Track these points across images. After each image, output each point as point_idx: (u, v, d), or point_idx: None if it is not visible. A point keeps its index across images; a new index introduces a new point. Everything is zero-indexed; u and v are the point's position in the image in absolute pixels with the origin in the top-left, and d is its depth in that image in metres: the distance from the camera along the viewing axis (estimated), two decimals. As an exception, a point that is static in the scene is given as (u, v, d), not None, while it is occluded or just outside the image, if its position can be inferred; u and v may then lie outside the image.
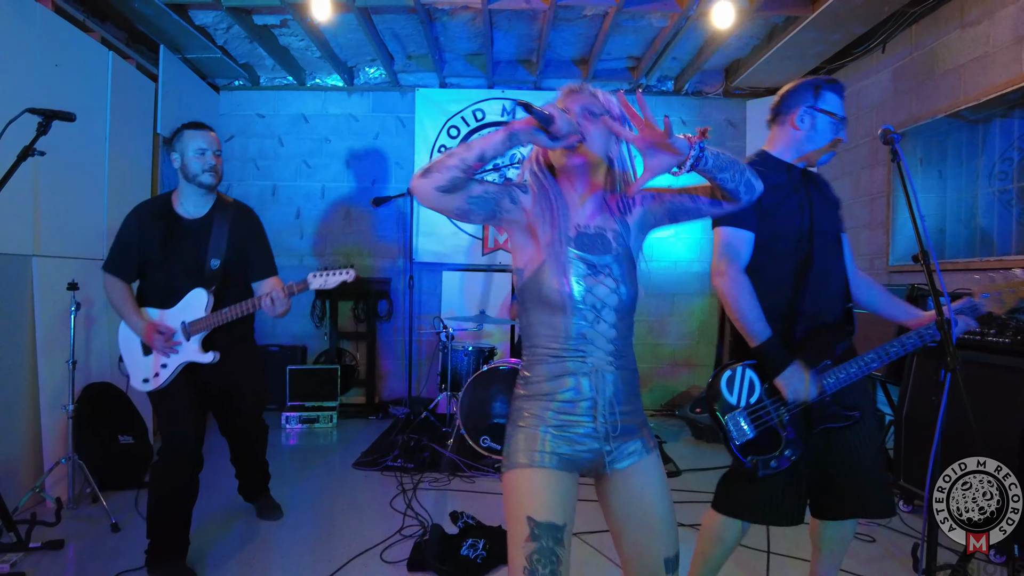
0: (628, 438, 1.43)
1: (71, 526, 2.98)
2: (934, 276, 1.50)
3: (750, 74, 5.18)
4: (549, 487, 1.34)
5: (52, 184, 3.42)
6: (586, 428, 1.39)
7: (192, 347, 2.57)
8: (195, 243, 2.59)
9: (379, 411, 5.48)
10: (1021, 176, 3.41)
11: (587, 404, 1.39)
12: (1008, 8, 3.34)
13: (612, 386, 1.41)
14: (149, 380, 2.59)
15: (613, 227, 1.47)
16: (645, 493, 1.42)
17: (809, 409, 1.86)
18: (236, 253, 2.65)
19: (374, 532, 3.00)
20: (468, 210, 1.35)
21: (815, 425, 1.87)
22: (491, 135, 1.31)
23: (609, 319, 1.42)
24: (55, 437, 3.33)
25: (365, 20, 4.44)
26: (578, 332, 1.39)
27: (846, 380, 1.85)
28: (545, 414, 1.39)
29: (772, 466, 1.85)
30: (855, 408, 1.88)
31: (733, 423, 1.87)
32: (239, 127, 5.75)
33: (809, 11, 4.09)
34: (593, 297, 1.40)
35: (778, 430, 1.86)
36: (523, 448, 1.38)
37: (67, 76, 3.56)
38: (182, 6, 4.24)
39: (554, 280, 1.37)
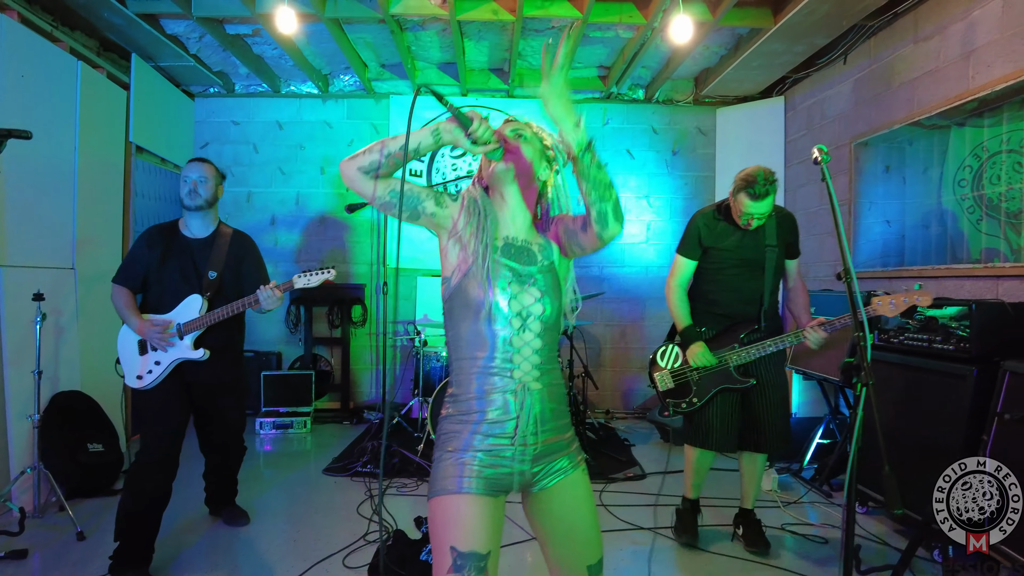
0: (555, 456, 1.45)
1: (36, 535, 3.01)
2: (855, 295, 1.58)
3: (719, 83, 5.28)
4: (473, 514, 1.34)
5: (19, 193, 3.43)
6: (512, 450, 1.40)
7: (184, 344, 2.77)
8: (195, 257, 2.86)
9: (353, 416, 5.52)
10: (979, 184, 3.52)
11: (512, 424, 1.40)
12: (957, 25, 3.45)
13: (539, 403, 1.42)
14: (142, 377, 2.76)
15: (539, 241, 1.53)
16: (571, 509, 1.45)
17: (714, 374, 2.84)
18: (232, 269, 2.91)
19: (339, 537, 3.04)
20: (388, 202, 1.43)
21: (716, 384, 2.84)
22: (419, 130, 1.40)
23: (535, 329, 1.43)
24: (22, 446, 3.34)
25: (337, 30, 4.48)
26: (504, 340, 1.40)
27: (746, 358, 2.79)
28: (472, 437, 1.40)
29: (683, 407, 2.92)
30: (751, 377, 2.82)
31: (660, 377, 3.00)
32: (214, 134, 5.77)
33: (772, 23, 4.19)
34: (519, 305, 1.42)
35: (691, 385, 2.90)
36: (450, 474, 1.38)
37: (34, 86, 3.58)
38: (153, 16, 4.26)
39: (480, 287, 1.40)
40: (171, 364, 2.77)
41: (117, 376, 2.87)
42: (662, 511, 3.41)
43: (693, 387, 2.88)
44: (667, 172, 5.92)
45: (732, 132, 5.80)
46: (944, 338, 2.95)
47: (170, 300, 2.82)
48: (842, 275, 1.62)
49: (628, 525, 3.24)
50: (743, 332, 2.84)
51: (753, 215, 2.69)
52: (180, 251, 2.85)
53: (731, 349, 2.82)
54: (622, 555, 2.93)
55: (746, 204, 2.68)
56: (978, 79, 3.30)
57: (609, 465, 4.19)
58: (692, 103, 5.84)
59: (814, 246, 5.04)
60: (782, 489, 3.75)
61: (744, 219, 2.73)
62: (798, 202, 5.28)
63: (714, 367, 2.82)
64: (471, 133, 1.38)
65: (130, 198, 4.65)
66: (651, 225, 5.93)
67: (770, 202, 2.68)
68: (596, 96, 5.84)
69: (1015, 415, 2.50)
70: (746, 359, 2.79)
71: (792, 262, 2.94)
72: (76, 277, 3.95)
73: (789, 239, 2.89)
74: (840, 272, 1.62)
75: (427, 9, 4.07)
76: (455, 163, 5.78)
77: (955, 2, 3.47)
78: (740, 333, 2.84)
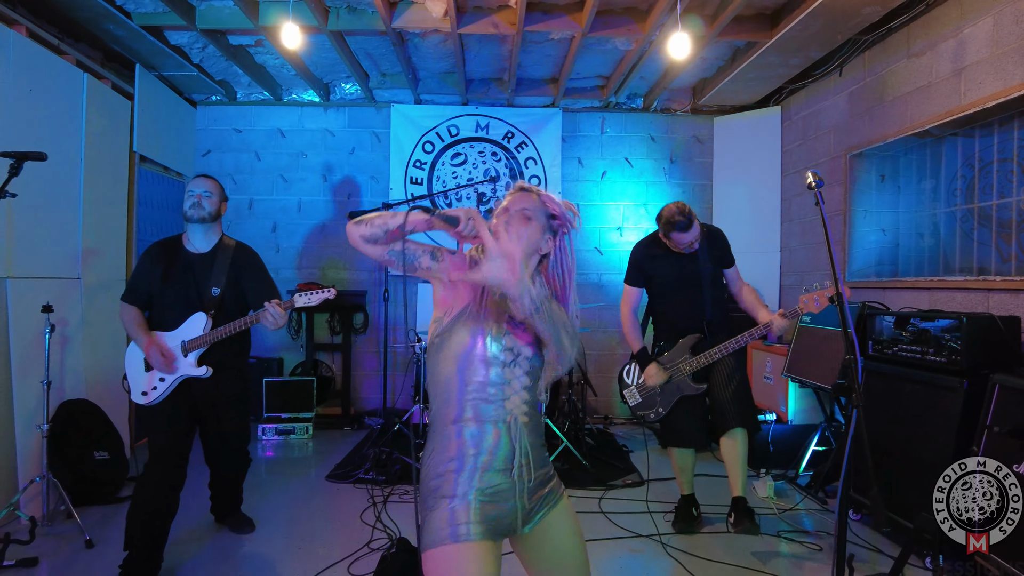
0: (544, 488, 1.51)
1: (45, 544, 3.06)
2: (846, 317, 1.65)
3: (716, 93, 5.35)
4: (475, 565, 1.33)
5: (26, 205, 3.46)
6: (508, 484, 1.44)
7: (189, 362, 2.84)
8: (198, 273, 2.89)
9: (354, 422, 5.57)
10: (973, 195, 3.59)
11: (507, 456, 1.44)
12: (948, 42, 3.52)
13: (527, 436, 1.48)
14: (148, 393, 2.84)
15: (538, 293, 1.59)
16: (560, 542, 1.52)
17: (673, 385, 3.21)
18: (234, 285, 2.94)
19: (343, 545, 3.10)
20: (388, 259, 1.53)
21: (677, 394, 3.20)
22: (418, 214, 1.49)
23: (524, 366, 1.51)
24: (29, 456, 3.39)
25: (338, 41, 4.53)
26: (497, 374, 1.47)
27: (697, 365, 3.13)
28: (466, 477, 1.41)
29: (651, 417, 3.27)
30: (703, 382, 3.19)
31: (628, 393, 3.36)
32: (216, 142, 5.81)
33: (768, 36, 4.26)
34: (512, 340, 1.51)
35: (656, 397, 3.25)
36: (445, 522, 1.37)
37: (41, 100, 3.62)
38: (157, 28, 4.30)
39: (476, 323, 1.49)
40: (175, 381, 2.84)
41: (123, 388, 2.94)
42: (662, 518, 3.47)
43: (658, 398, 3.25)
44: (665, 180, 5.98)
45: (729, 141, 5.87)
46: (936, 350, 3.02)
47: (173, 317, 2.87)
48: (834, 299, 1.68)
49: (627, 532, 3.30)
50: (692, 344, 3.20)
51: (692, 241, 3.09)
52: (182, 267, 2.89)
53: (684, 359, 3.18)
54: (621, 562, 2.99)
55: (680, 238, 3.07)
56: (969, 95, 3.37)
57: (607, 472, 4.25)
58: (689, 112, 5.91)
59: (810, 255, 5.11)
60: (778, 496, 3.81)
61: (687, 247, 3.13)
62: (793, 211, 5.35)
63: (670, 381, 3.21)
64: (459, 232, 1.48)
65: (134, 208, 4.70)
66: (648, 233, 5.97)
67: (695, 226, 3.07)
68: (595, 105, 5.90)
69: (1004, 428, 2.57)
70: (698, 366, 3.14)
71: (729, 270, 3.32)
72: (81, 287, 3.99)
73: (718, 253, 3.27)
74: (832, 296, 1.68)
75: (429, 22, 4.13)
76: (455, 171, 5.83)
77: (946, 20, 3.54)
78: (689, 345, 3.20)
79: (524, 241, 1.54)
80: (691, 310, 3.24)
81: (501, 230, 1.53)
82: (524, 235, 1.55)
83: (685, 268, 3.22)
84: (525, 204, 1.58)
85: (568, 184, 5.91)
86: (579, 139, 5.97)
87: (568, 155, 5.93)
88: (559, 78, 5.35)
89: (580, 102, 5.85)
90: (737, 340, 3.04)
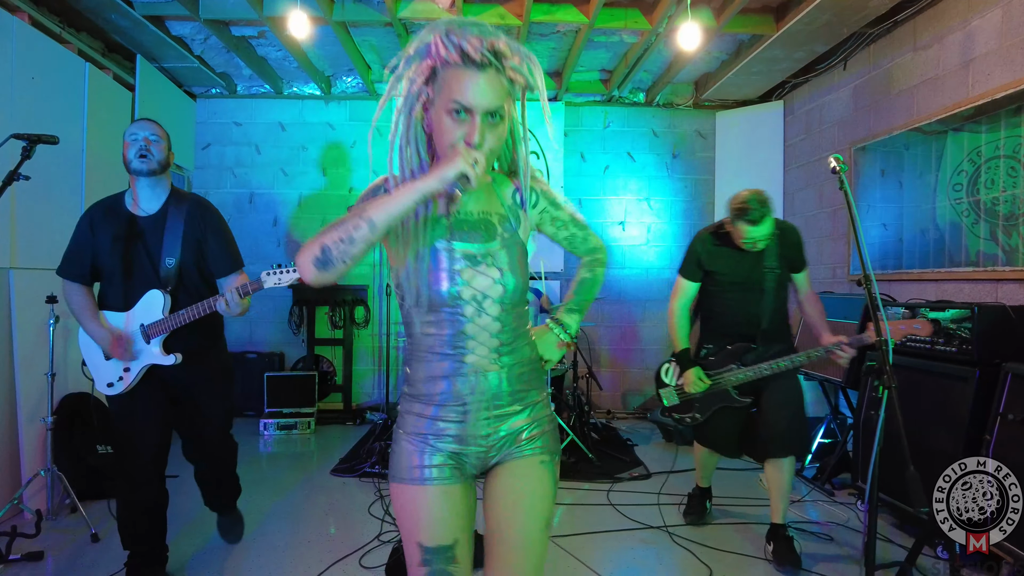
0: (516, 437, 1.34)
1: (51, 537, 3.02)
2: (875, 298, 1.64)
3: (719, 87, 5.35)
4: (434, 506, 1.28)
5: (29, 196, 3.43)
6: (464, 431, 1.31)
7: (153, 350, 2.45)
8: (148, 241, 2.44)
9: (356, 417, 5.54)
10: (974, 188, 3.60)
11: (462, 408, 1.30)
12: (956, 34, 3.53)
13: (496, 386, 1.31)
14: (114, 384, 2.49)
15: (500, 211, 1.35)
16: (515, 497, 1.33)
17: (713, 393, 2.94)
18: (192, 251, 2.49)
19: (353, 538, 3.07)
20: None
21: (716, 403, 2.95)
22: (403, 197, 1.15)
23: (492, 312, 1.28)
24: (33, 449, 3.34)
25: (342, 32, 4.50)
26: (457, 329, 1.28)
27: (744, 379, 2.84)
28: (426, 422, 1.31)
29: (687, 421, 3.05)
30: (749, 396, 2.90)
31: (664, 394, 3.12)
32: (216, 135, 5.76)
33: (773, 30, 4.26)
34: (472, 290, 1.27)
35: (694, 401, 3.01)
36: (405, 463, 1.31)
37: (44, 89, 3.58)
38: (159, 18, 4.26)
39: (425, 278, 1.25)
40: (141, 370, 2.47)
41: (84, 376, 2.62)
42: (671, 510, 3.47)
43: (696, 404, 3.00)
44: (667, 175, 5.98)
45: (731, 136, 5.87)
46: (946, 340, 3.03)
47: (125, 294, 2.45)
48: (862, 281, 1.67)
49: (638, 524, 3.29)
50: (741, 353, 2.90)
51: (757, 239, 2.73)
52: (129, 234, 2.43)
53: (729, 370, 2.89)
54: (633, 553, 2.99)
55: (747, 231, 2.71)
56: (977, 87, 3.39)
57: (614, 465, 4.25)
58: (692, 107, 5.91)
59: (813, 250, 5.12)
60: (785, 488, 3.81)
61: (749, 244, 2.76)
62: (796, 206, 5.36)
63: (711, 389, 2.92)
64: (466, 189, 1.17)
65: (135, 199, 4.64)
66: (651, 227, 5.99)
67: (770, 223, 2.70)
68: (597, 99, 5.89)
69: (1017, 416, 2.58)
70: (744, 379, 2.84)
71: (799, 275, 2.91)
72: (83, 279, 3.94)
73: (790, 254, 2.87)
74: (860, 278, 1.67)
75: (435, 13, 4.10)
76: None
77: (953, 12, 3.55)
78: (738, 354, 2.90)
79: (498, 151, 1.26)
80: (747, 316, 2.88)
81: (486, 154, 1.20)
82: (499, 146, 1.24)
83: (749, 268, 2.85)
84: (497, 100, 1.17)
85: (570, 179, 5.90)
86: (581, 133, 5.96)
87: (570, 149, 5.92)
88: (563, 71, 5.33)
89: (583, 96, 5.84)
90: (792, 360, 2.73)
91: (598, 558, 2.92)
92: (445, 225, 1.28)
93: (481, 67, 1.14)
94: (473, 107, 1.15)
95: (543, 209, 1.40)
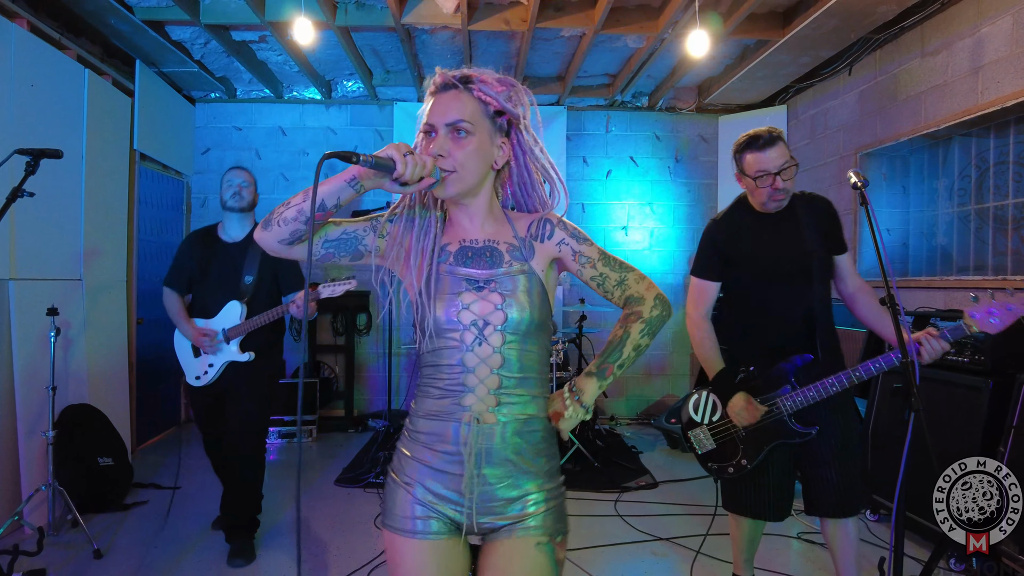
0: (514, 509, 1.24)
1: (53, 554, 2.96)
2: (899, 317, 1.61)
3: (723, 91, 5.33)
4: (418, 560, 1.22)
5: (28, 206, 3.34)
6: (455, 485, 1.22)
7: (232, 349, 3.00)
8: (233, 262, 3.01)
9: (358, 424, 5.50)
10: (979, 195, 3.59)
11: (456, 459, 1.22)
12: (965, 40, 3.51)
13: (493, 443, 1.22)
14: (200, 377, 3.03)
15: (509, 241, 1.30)
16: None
17: (766, 427, 2.10)
18: (268, 271, 3.03)
19: (361, 551, 3.03)
20: (326, 254, 1.29)
21: (770, 439, 2.11)
22: (332, 179, 1.19)
23: (494, 342, 1.22)
24: (33, 463, 3.29)
25: (345, 37, 4.46)
26: (457, 358, 1.22)
27: (803, 403, 2.04)
28: (417, 467, 1.25)
29: (730, 472, 2.20)
30: (812, 425, 2.08)
31: (695, 437, 2.29)
32: (215, 140, 5.71)
33: (780, 35, 4.23)
34: (473, 315, 1.22)
35: (738, 443, 2.18)
36: (397, 510, 1.25)
37: (43, 95, 3.52)
38: (159, 23, 4.20)
39: (428, 306, 1.23)
40: (223, 365, 3.00)
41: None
42: (680, 521, 3.44)
43: (740, 445, 2.18)
44: (670, 179, 5.96)
45: (734, 140, 5.83)
46: (959, 350, 3.00)
47: (212, 305, 3.01)
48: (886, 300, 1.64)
49: (647, 536, 3.26)
50: (799, 367, 2.09)
51: (769, 170, 2.06)
52: (220, 256, 3.02)
53: (784, 392, 2.09)
54: (643, 566, 2.96)
55: (758, 159, 2.09)
56: (988, 94, 3.37)
57: (620, 474, 4.21)
58: (695, 111, 5.88)
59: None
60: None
61: (763, 183, 2.09)
62: (800, 210, 5.33)
63: (762, 420, 2.10)
64: (398, 178, 1.14)
65: (135, 207, 4.59)
66: (654, 232, 5.96)
67: (784, 150, 2.10)
68: (600, 104, 5.86)
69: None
70: (804, 403, 2.05)
71: (841, 257, 2.20)
72: (83, 288, 3.89)
73: (828, 228, 2.17)
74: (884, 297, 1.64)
75: (440, 19, 4.06)
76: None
77: (963, 19, 3.53)
78: (792, 370, 2.10)
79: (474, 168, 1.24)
80: (795, 312, 2.11)
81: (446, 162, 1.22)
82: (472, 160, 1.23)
83: (785, 245, 2.12)
84: (455, 114, 1.22)
85: (573, 183, 5.87)
86: (584, 138, 5.92)
87: (573, 154, 5.88)
88: (566, 76, 5.30)
89: (585, 100, 5.80)
90: (864, 369, 1.97)
91: (609, 572, 2.89)
92: (450, 251, 1.28)
93: (445, 88, 1.26)
94: (435, 123, 1.24)
95: (561, 241, 1.30)
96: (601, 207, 5.94)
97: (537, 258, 1.29)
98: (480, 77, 1.25)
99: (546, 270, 1.30)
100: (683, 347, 5.94)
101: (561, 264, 1.34)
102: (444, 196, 1.26)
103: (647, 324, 1.30)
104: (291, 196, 1.23)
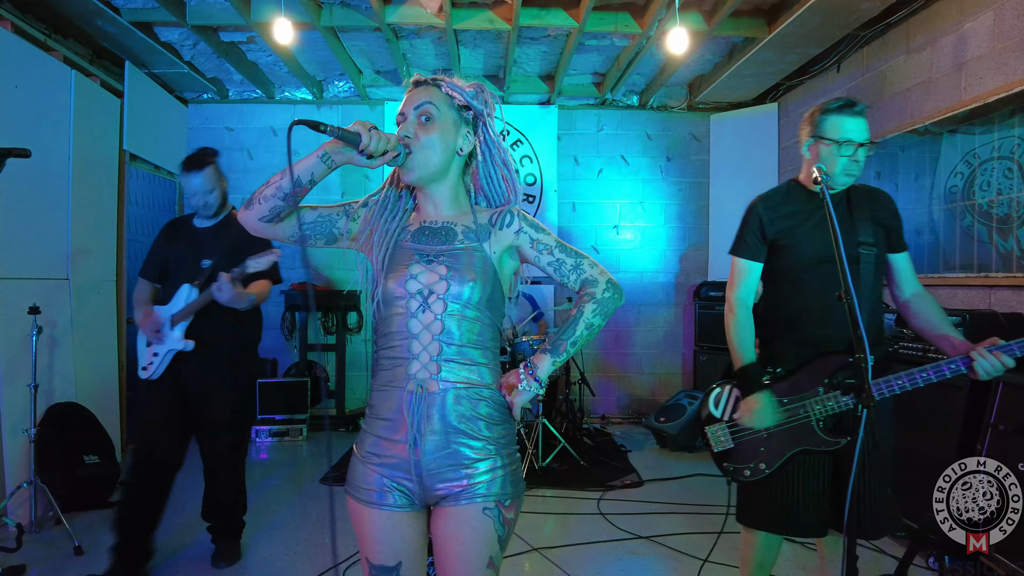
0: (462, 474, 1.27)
1: (33, 550, 2.99)
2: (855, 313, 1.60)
3: (713, 89, 5.32)
4: (377, 528, 1.29)
5: (12, 204, 3.41)
6: (406, 455, 1.27)
7: (175, 335, 2.76)
8: (195, 247, 2.83)
9: (349, 423, 5.51)
10: (970, 191, 3.56)
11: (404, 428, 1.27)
12: (949, 37, 3.49)
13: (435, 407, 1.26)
14: (146, 368, 2.81)
15: (467, 224, 1.38)
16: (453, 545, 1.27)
17: (790, 429, 1.92)
18: (230, 256, 2.72)
19: (341, 548, 3.04)
20: (304, 236, 1.37)
21: (793, 444, 1.92)
22: (305, 157, 1.29)
23: (436, 309, 1.28)
24: (17, 461, 3.31)
25: (332, 38, 4.47)
26: (403, 324, 1.29)
27: (835, 409, 1.87)
28: (374, 440, 1.31)
29: (746, 475, 1.99)
30: (844, 435, 1.88)
31: (712, 434, 2.07)
32: (208, 140, 5.73)
33: (765, 33, 4.22)
34: (419, 284, 1.30)
35: (758, 445, 1.97)
36: (358, 480, 1.32)
37: (28, 97, 3.54)
38: (147, 24, 4.23)
39: (383, 281, 1.32)
40: (167, 355, 2.77)
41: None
42: (662, 519, 3.43)
43: (762, 447, 1.98)
44: (661, 178, 5.95)
45: (726, 138, 5.84)
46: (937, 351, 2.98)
47: (171, 291, 2.82)
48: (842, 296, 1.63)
49: (627, 534, 3.26)
50: (834, 369, 1.90)
51: (855, 140, 1.90)
52: (187, 241, 2.85)
53: (815, 395, 1.91)
54: (621, 565, 2.95)
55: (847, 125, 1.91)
56: (971, 90, 3.35)
57: (606, 472, 4.21)
58: (686, 109, 5.87)
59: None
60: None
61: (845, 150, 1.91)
62: (791, 208, 5.31)
63: (786, 423, 1.93)
64: (363, 150, 1.24)
65: (124, 207, 4.62)
66: (645, 231, 5.96)
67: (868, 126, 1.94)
68: (590, 103, 5.86)
69: (1009, 426, 2.54)
70: (836, 408, 1.88)
71: (899, 256, 2.03)
72: (71, 288, 3.92)
73: (888, 222, 2.01)
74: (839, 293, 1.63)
75: (423, 18, 4.07)
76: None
77: (946, 15, 3.52)
78: (829, 370, 1.91)
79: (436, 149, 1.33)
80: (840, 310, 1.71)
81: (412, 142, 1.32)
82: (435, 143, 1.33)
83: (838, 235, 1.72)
84: (423, 99, 1.34)
85: (564, 182, 5.87)
86: (575, 137, 5.92)
87: (564, 153, 5.88)
88: (555, 75, 5.30)
89: (576, 99, 5.80)
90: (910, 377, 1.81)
91: (586, 570, 2.88)
92: (410, 231, 1.38)
93: (417, 85, 1.41)
94: (405, 111, 1.37)
95: (520, 230, 1.39)
96: (592, 206, 5.94)
97: (492, 242, 1.37)
98: (451, 79, 1.40)
99: (500, 256, 1.38)
100: (674, 347, 5.93)
101: (520, 254, 1.41)
102: (410, 180, 1.35)
103: (599, 304, 1.37)
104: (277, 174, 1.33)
